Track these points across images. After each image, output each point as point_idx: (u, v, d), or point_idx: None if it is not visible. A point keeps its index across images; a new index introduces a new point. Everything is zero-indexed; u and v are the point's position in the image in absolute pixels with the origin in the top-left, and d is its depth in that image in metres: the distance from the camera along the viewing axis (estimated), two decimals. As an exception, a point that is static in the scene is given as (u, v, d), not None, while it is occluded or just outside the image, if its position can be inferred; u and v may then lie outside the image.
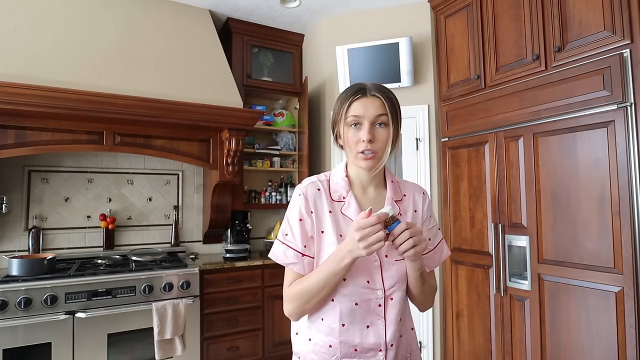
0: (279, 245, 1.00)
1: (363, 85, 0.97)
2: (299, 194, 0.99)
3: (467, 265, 2.51)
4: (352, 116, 0.95)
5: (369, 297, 0.96)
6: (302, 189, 0.99)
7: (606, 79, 1.79)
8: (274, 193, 3.35)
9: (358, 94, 0.95)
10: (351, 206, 0.99)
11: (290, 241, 0.98)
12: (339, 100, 0.99)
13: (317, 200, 0.99)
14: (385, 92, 0.97)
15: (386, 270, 0.97)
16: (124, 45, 2.56)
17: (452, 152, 2.64)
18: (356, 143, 0.95)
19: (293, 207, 0.99)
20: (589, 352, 1.84)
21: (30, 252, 2.58)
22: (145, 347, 2.36)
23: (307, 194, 0.98)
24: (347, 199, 1.00)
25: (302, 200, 0.98)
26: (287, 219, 1.00)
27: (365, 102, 0.95)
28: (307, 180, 1.02)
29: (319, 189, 1.00)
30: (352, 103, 0.95)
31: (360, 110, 0.94)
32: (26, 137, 2.27)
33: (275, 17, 3.14)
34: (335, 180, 1.02)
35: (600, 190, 1.81)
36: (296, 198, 0.99)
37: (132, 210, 2.99)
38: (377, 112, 0.94)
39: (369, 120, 0.94)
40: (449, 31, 2.71)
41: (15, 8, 2.32)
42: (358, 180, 1.03)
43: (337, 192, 1.01)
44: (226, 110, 2.63)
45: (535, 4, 2.11)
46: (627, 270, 1.70)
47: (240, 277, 2.79)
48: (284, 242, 0.99)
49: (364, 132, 0.94)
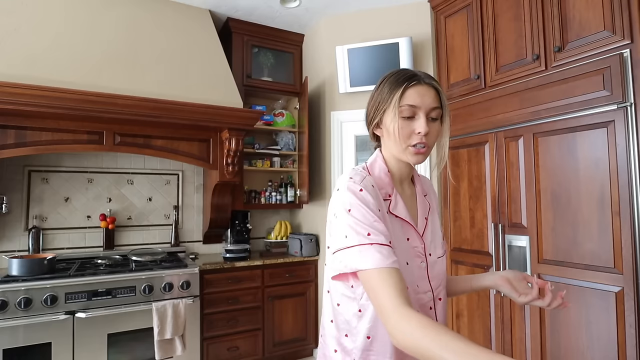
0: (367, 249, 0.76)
1: (415, 72, 0.87)
2: (359, 189, 0.82)
3: (467, 265, 2.51)
4: (408, 105, 0.84)
5: (422, 301, 0.88)
6: (361, 184, 0.83)
7: (606, 79, 1.79)
8: (274, 193, 3.35)
9: (413, 80, 0.85)
10: (399, 205, 0.89)
11: (378, 239, 0.77)
12: (387, 85, 0.87)
13: (377, 197, 0.84)
14: (437, 82, 0.89)
15: (432, 270, 0.91)
16: (124, 45, 2.57)
17: (452, 152, 2.64)
18: (409, 136, 0.85)
19: (360, 204, 0.80)
20: (589, 352, 1.84)
21: (30, 252, 2.58)
22: (145, 347, 2.36)
23: (369, 189, 0.83)
24: (393, 197, 0.89)
25: (366, 196, 0.82)
26: (354, 219, 0.79)
27: (421, 90, 0.85)
28: (357, 175, 0.86)
29: (373, 185, 0.85)
30: (406, 89, 0.84)
31: (417, 99, 0.84)
32: (26, 137, 2.27)
33: (275, 17, 3.14)
34: (378, 176, 0.90)
35: (600, 190, 1.81)
36: (359, 194, 0.81)
37: (132, 210, 3.00)
38: (433, 104, 0.85)
39: (425, 111, 0.84)
40: (449, 31, 2.71)
41: (15, 8, 2.32)
42: (398, 175, 0.93)
43: (383, 189, 0.88)
44: (226, 110, 2.63)
45: (535, 4, 2.11)
46: (627, 270, 1.70)
47: (240, 277, 2.79)
48: (374, 242, 0.77)
49: (420, 124, 0.84)
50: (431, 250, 0.93)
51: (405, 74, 0.87)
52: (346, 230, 0.79)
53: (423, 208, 0.96)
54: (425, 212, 0.96)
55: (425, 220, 0.94)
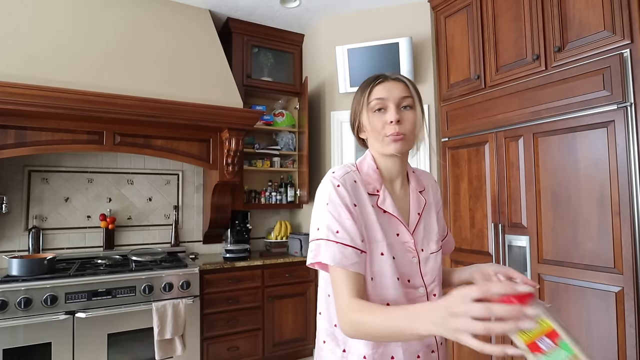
0: (331, 245, 0.82)
1: (383, 73, 0.93)
2: (337, 184, 0.86)
3: (467, 265, 2.51)
4: (376, 99, 0.89)
5: (412, 297, 0.89)
6: (340, 179, 0.87)
7: (606, 79, 1.79)
8: (274, 193, 3.35)
9: (379, 79, 0.91)
10: (387, 199, 0.91)
11: (344, 238, 0.82)
12: (359, 90, 0.94)
13: (356, 192, 0.88)
14: (406, 78, 0.93)
15: (424, 266, 0.92)
16: (124, 45, 2.57)
17: (452, 152, 2.64)
18: (382, 127, 0.89)
19: (334, 200, 0.85)
20: (589, 352, 1.84)
21: (30, 252, 2.58)
22: (145, 347, 2.36)
23: (347, 185, 0.87)
24: (381, 192, 0.91)
25: (343, 192, 0.86)
26: (329, 214, 0.84)
27: (388, 85, 0.90)
28: (340, 169, 0.91)
29: (355, 181, 0.89)
30: (373, 88, 0.90)
31: (384, 92, 0.89)
32: (26, 137, 2.27)
33: (275, 17, 3.14)
34: (366, 172, 0.93)
35: (600, 190, 1.81)
36: (335, 190, 0.86)
37: (132, 210, 2.99)
38: (402, 93, 0.89)
39: (394, 102, 0.88)
40: (449, 31, 2.71)
41: (15, 8, 2.32)
42: (387, 172, 0.95)
43: (370, 185, 0.91)
44: (226, 110, 2.63)
45: (535, 4, 2.11)
46: (627, 270, 1.70)
47: (240, 277, 2.79)
48: (339, 241, 0.82)
49: (390, 113, 0.88)
50: (423, 246, 0.93)
51: (373, 76, 0.93)
52: (319, 223, 0.86)
53: (417, 204, 0.96)
54: (419, 208, 0.96)
55: (419, 215, 0.95)
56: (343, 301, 0.79)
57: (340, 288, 0.81)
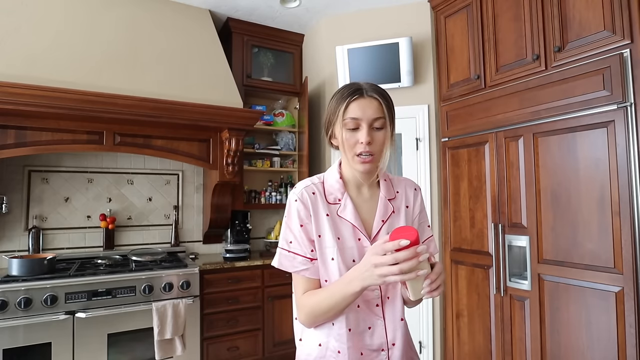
0: (284, 254, 0.97)
1: (359, 86, 0.95)
2: (295, 199, 0.97)
3: (467, 265, 2.51)
4: (350, 118, 0.92)
5: (367, 298, 0.96)
6: (297, 194, 0.98)
7: (606, 79, 1.79)
8: (274, 193, 3.35)
9: (355, 94, 0.93)
10: (347, 208, 0.98)
11: (296, 248, 0.96)
12: (335, 100, 0.97)
13: (314, 204, 0.97)
14: (381, 93, 0.95)
15: None
16: (124, 45, 2.56)
17: (452, 152, 2.64)
18: (353, 145, 0.94)
19: (291, 213, 0.97)
20: (589, 352, 1.84)
21: (30, 252, 2.58)
22: (145, 347, 2.36)
23: (303, 199, 0.97)
24: (342, 200, 0.99)
25: (299, 206, 0.96)
26: (287, 226, 0.98)
27: (363, 103, 0.93)
28: (301, 184, 1.00)
29: (313, 193, 0.98)
30: (349, 104, 0.93)
31: (358, 112, 0.92)
32: (26, 137, 2.27)
33: (275, 17, 3.14)
34: (330, 183, 1.01)
35: (600, 190, 1.81)
36: (293, 204, 0.98)
37: (132, 210, 2.99)
38: (375, 114, 0.92)
39: (367, 122, 0.92)
40: (449, 31, 2.71)
41: (15, 8, 2.32)
42: (353, 180, 1.01)
43: (332, 195, 0.99)
44: (226, 110, 2.63)
45: (535, 4, 2.11)
46: (627, 270, 1.70)
47: (240, 277, 2.79)
48: (290, 250, 0.96)
49: (362, 135, 0.92)
50: None
51: (349, 88, 0.96)
52: (281, 233, 1.00)
53: (383, 211, 1.01)
54: (384, 215, 1.00)
55: (382, 222, 1.00)
56: (298, 298, 0.98)
57: (296, 288, 0.99)
